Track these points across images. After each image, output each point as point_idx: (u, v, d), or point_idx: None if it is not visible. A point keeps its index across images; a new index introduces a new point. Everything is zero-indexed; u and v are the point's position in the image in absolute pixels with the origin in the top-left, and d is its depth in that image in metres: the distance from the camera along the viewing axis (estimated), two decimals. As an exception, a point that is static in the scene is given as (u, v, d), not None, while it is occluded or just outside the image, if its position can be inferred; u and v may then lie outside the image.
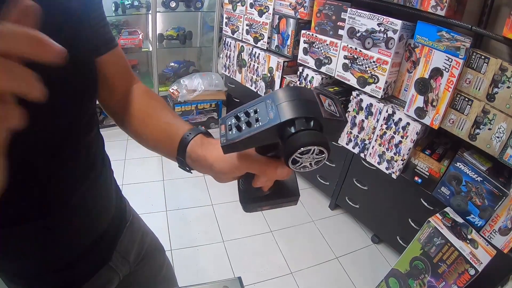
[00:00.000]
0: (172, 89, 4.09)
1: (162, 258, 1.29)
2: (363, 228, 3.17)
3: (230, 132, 0.56)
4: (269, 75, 3.29)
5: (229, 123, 0.57)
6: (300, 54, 2.91)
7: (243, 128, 0.54)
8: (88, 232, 0.88)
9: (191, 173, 0.79)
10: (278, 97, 0.53)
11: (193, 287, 0.93)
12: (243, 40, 3.53)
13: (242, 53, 3.58)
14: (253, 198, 0.69)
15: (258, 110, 0.55)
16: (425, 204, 2.42)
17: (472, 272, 1.92)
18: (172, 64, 4.42)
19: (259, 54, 3.35)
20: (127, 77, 0.89)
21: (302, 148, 0.49)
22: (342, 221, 3.26)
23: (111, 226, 0.96)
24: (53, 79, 0.62)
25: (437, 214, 2.15)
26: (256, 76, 3.47)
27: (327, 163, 3.10)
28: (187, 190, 3.34)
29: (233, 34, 3.63)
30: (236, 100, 4.18)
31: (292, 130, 0.50)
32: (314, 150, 0.49)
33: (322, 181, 3.29)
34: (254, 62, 3.43)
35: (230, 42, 3.72)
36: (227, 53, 3.84)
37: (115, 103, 0.87)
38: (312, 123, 0.50)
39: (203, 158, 0.69)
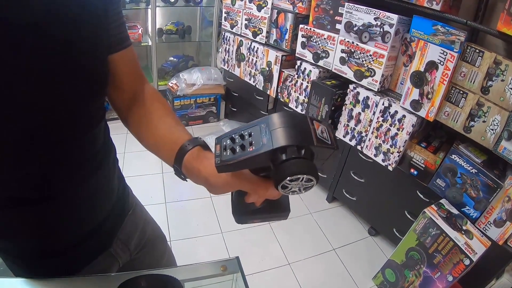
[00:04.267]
0: (171, 83, 4.11)
1: (163, 247, 1.31)
2: (360, 220, 3.21)
3: (224, 153, 0.59)
4: (267, 69, 3.32)
5: (224, 143, 0.60)
6: (298, 48, 2.93)
7: (237, 151, 0.57)
8: (89, 218, 0.90)
9: (186, 181, 0.81)
10: (272, 122, 0.56)
11: (192, 266, 0.95)
12: (242, 34, 3.55)
13: (241, 48, 3.60)
14: (245, 211, 0.72)
15: (252, 133, 0.57)
16: (421, 196, 2.45)
17: (467, 262, 1.95)
18: (171, 58, 4.44)
19: (257, 48, 3.38)
20: (136, 78, 0.91)
21: (291, 176, 0.52)
22: (339, 213, 3.30)
23: (112, 213, 0.98)
24: (68, 72, 0.66)
25: (433, 205, 2.18)
26: (255, 70, 3.49)
27: (325, 156, 3.14)
28: (186, 183, 3.34)
29: (232, 29, 3.65)
30: (235, 94, 4.21)
31: (284, 157, 0.53)
32: (303, 178, 0.53)
33: (319, 174, 3.29)
34: (253, 56, 3.46)
35: (229, 37, 3.74)
36: (226, 47, 3.86)
37: (122, 101, 0.89)
38: (303, 151, 0.53)
39: (197, 171, 0.72)
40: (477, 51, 1.90)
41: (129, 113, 0.90)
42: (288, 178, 0.53)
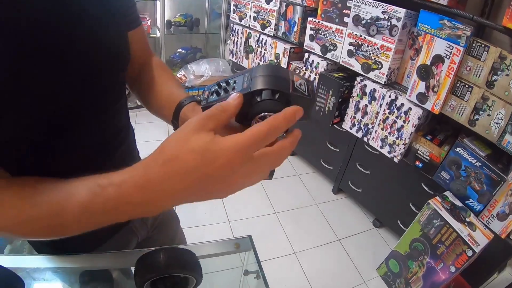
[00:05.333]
0: (180, 74, 4.14)
1: (176, 226, 1.37)
2: (365, 212, 3.25)
3: (210, 97, 0.64)
4: (275, 61, 3.35)
5: (212, 89, 0.65)
6: (307, 41, 2.96)
7: (221, 94, 0.62)
8: None
9: None
10: (255, 71, 0.61)
11: (206, 243, 0.98)
12: (250, 27, 3.57)
13: (249, 40, 3.63)
14: None
15: (236, 81, 0.62)
16: (426, 188, 2.48)
17: (470, 253, 1.97)
18: (180, 50, 4.48)
19: (266, 40, 3.40)
20: (146, 53, 0.98)
21: (261, 113, 0.57)
22: (344, 205, 3.34)
23: None
24: (97, 48, 0.71)
25: (437, 197, 2.21)
26: (263, 62, 3.51)
27: (331, 147, 3.18)
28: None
29: (240, 21, 3.68)
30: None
31: (258, 99, 0.57)
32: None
33: (325, 165, 3.36)
34: (261, 48, 3.48)
35: (238, 29, 3.77)
36: (234, 39, 3.88)
37: (132, 72, 0.95)
38: (277, 95, 0.58)
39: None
40: (482, 45, 1.93)
41: (136, 81, 0.96)
42: (259, 115, 0.57)
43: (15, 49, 0.54)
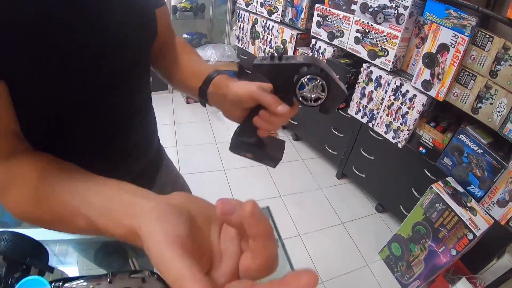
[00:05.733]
0: (186, 59, 4.16)
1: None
2: (368, 197, 3.31)
3: (264, 61, 0.72)
4: (282, 46, 3.38)
5: (266, 56, 0.73)
6: (314, 27, 2.99)
7: (275, 60, 0.72)
8: (138, 162, 1.00)
9: (205, 106, 0.93)
10: (305, 56, 0.71)
11: None
12: (257, 12, 3.61)
13: (255, 26, 3.66)
14: (242, 141, 0.82)
15: (289, 57, 0.72)
16: (428, 174, 2.53)
17: (471, 236, 2.03)
18: (185, 36, 4.49)
19: (273, 26, 3.44)
20: (168, 31, 1.02)
21: (311, 75, 0.69)
22: (348, 189, 3.40)
23: (151, 162, 1.08)
24: (131, 23, 0.77)
25: (439, 182, 2.27)
26: (269, 48, 3.56)
27: (336, 133, 3.23)
28: (200, 156, 3.47)
29: (247, 7, 3.71)
30: (248, 71, 4.25)
31: (306, 68, 0.68)
32: (319, 81, 0.69)
33: (330, 150, 3.41)
34: (268, 34, 3.52)
35: (244, 15, 3.79)
36: (240, 25, 3.91)
37: (155, 49, 0.97)
38: (324, 74, 0.69)
39: (225, 85, 0.85)
40: (487, 36, 1.97)
41: (159, 57, 1.01)
42: (308, 76, 0.69)
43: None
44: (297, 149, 3.85)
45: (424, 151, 2.47)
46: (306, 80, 0.69)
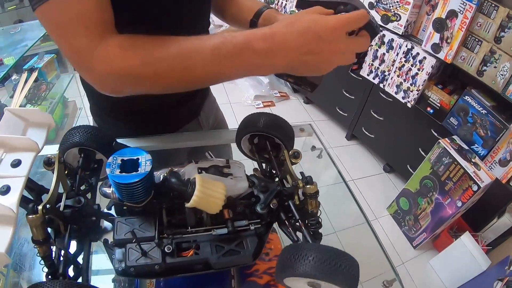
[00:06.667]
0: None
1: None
2: (376, 158, 3.46)
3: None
4: (297, 11, 3.46)
5: None
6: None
7: None
8: None
9: None
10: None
11: None
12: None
13: (270, -9, 3.72)
14: None
15: None
16: (435, 134, 2.66)
17: (475, 188, 2.19)
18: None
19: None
20: None
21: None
22: (357, 150, 3.55)
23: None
24: None
25: (446, 138, 2.42)
26: (284, 13, 3.61)
27: (347, 95, 3.36)
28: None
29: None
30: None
31: (342, 6, 0.71)
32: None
33: (341, 112, 3.54)
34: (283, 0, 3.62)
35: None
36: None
37: None
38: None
39: (274, 17, 0.99)
40: (493, 5, 2.08)
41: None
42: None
43: None
44: (308, 111, 3.98)
45: (431, 111, 2.60)
46: None
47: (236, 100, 3.82)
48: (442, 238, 2.65)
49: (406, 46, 2.60)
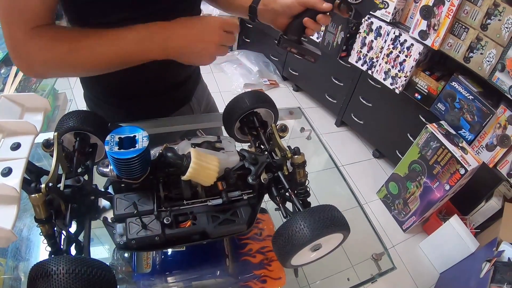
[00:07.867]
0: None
1: None
2: (365, 144, 3.51)
3: None
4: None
5: None
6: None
7: None
8: (184, 69, 1.16)
9: (254, 22, 1.10)
10: None
11: None
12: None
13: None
14: (288, 38, 0.99)
15: None
16: (423, 119, 2.70)
17: (462, 171, 2.23)
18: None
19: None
20: None
21: None
22: (346, 136, 3.59)
23: (194, 72, 1.24)
24: None
25: (434, 123, 2.45)
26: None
27: (336, 82, 3.38)
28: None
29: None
30: (249, 25, 4.29)
31: None
32: None
33: (330, 99, 3.56)
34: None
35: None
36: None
37: None
38: None
39: (273, 0, 0.99)
40: (479, -8, 2.12)
41: None
42: None
43: None
44: (298, 99, 4.00)
45: (419, 97, 2.64)
46: None
47: (226, 88, 3.83)
48: (431, 221, 2.70)
49: (394, 33, 2.63)
